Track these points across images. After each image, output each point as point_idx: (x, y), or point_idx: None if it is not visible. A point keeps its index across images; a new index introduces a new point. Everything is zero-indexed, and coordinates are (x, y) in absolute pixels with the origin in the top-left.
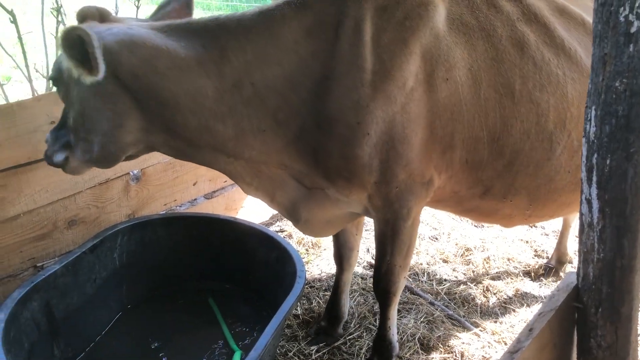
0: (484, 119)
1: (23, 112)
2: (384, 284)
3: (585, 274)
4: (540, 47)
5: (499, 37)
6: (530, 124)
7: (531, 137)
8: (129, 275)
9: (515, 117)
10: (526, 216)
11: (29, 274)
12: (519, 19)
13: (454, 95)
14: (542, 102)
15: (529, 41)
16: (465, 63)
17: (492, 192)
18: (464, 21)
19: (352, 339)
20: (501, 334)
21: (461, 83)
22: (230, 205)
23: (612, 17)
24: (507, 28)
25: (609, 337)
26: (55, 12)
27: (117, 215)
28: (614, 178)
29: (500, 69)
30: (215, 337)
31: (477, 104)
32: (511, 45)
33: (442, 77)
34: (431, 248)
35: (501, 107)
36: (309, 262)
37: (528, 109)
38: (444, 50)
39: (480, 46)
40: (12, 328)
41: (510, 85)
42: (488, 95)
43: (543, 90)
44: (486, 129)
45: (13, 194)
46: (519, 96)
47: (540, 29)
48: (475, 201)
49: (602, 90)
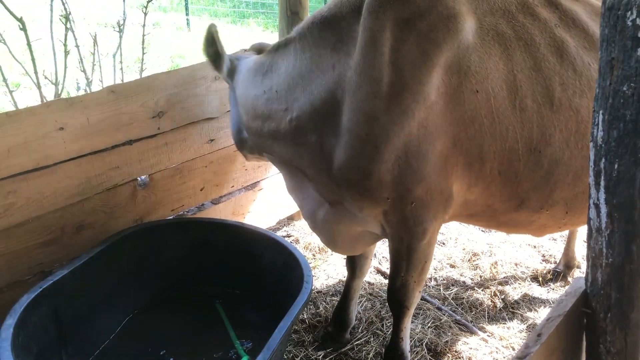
0: (519, 130)
1: (32, 118)
2: (398, 297)
3: (594, 279)
4: (580, 52)
5: (537, 45)
6: (569, 132)
7: (570, 146)
8: (137, 280)
9: (555, 126)
10: (561, 225)
11: (38, 279)
12: (557, 25)
13: (483, 108)
14: (583, 108)
15: (569, 47)
16: (500, 74)
17: (528, 204)
18: (499, 31)
19: (360, 344)
20: (509, 340)
21: (494, 95)
22: (237, 210)
23: (619, 21)
24: (546, 35)
25: (618, 343)
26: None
27: (125, 220)
28: (622, 183)
29: (539, 77)
30: (223, 342)
31: (511, 115)
32: (550, 53)
33: (470, 89)
34: (438, 253)
35: (539, 116)
36: (316, 267)
37: (568, 116)
38: (475, 62)
39: (517, 56)
40: (20, 333)
41: (549, 93)
42: (524, 105)
43: (583, 96)
44: (522, 140)
45: (22, 200)
46: (558, 104)
47: (579, 33)
48: (510, 214)
49: (609, 95)
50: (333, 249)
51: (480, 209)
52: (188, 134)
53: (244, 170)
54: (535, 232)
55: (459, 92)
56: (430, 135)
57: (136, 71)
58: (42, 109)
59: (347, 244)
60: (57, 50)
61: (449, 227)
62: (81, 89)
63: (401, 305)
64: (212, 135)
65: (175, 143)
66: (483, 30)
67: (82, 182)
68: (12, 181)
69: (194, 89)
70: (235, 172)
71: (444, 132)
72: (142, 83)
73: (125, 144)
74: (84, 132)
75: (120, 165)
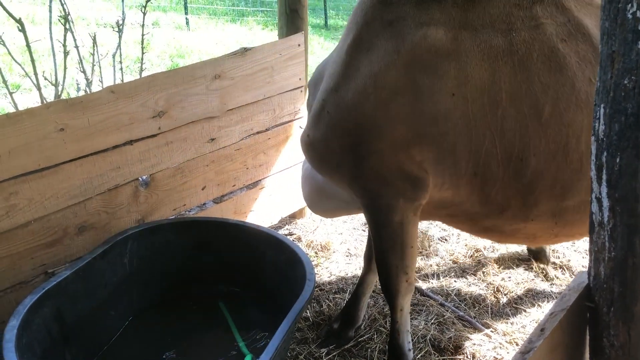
0: (498, 137)
1: (32, 119)
2: (382, 279)
3: (597, 273)
4: (583, 67)
5: (533, 60)
6: (557, 145)
7: (558, 159)
8: (139, 280)
9: (540, 138)
10: (552, 235)
11: (40, 280)
12: (563, 40)
13: (458, 109)
14: (576, 123)
15: (570, 62)
16: (483, 83)
17: (511, 211)
18: (492, 45)
19: (363, 341)
20: (512, 335)
21: (471, 100)
22: (239, 209)
23: (619, 14)
24: (546, 50)
25: (621, 337)
26: (63, 20)
27: (127, 220)
28: (624, 176)
29: (529, 90)
30: (226, 341)
31: (490, 122)
32: (547, 69)
33: (446, 91)
34: (441, 249)
35: (523, 127)
36: (319, 265)
37: (557, 130)
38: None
39: (507, 69)
40: (24, 334)
41: (539, 106)
42: (507, 114)
43: (578, 111)
44: (501, 146)
45: (23, 201)
46: (548, 117)
47: (587, 48)
48: (492, 220)
49: (610, 88)
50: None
51: (460, 210)
52: (189, 134)
53: (246, 169)
54: (527, 241)
55: (432, 91)
56: (391, 118)
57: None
58: (42, 110)
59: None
60: (56, 51)
61: None
62: (81, 89)
63: (388, 287)
64: (213, 134)
65: (176, 142)
66: (473, 41)
67: (83, 182)
68: (13, 183)
69: (194, 88)
70: (236, 171)
71: (407, 120)
72: (142, 83)
73: (126, 144)
74: (85, 132)
75: (121, 166)
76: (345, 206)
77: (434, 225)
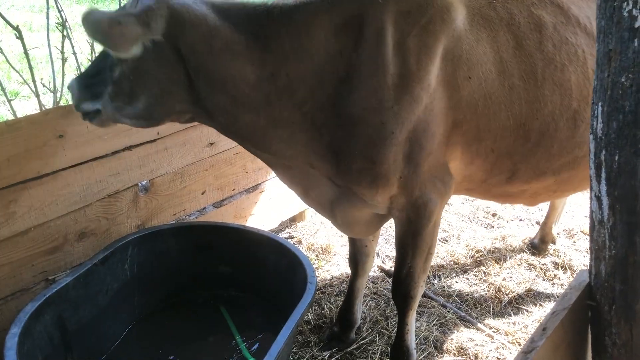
0: (509, 108)
1: (31, 126)
2: (404, 288)
3: (598, 271)
4: (558, 27)
5: (517, 24)
6: (554, 105)
7: (555, 118)
8: (140, 286)
9: (540, 101)
10: (551, 192)
11: (41, 287)
12: (533, 4)
13: (477, 92)
14: (565, 81)
15: (546, 23)
16: (489, 58)
17: (519, 175)
18: (483, 14)
19: (365, 343)
20: (515, 335)
21: (485, 79)
22: (239, 213)
23: (615, 12)
24: (524, 14)
25: (623, 335)
26: (60, 27)
27: (127, 226)
28: (623, 174)
29: (522, 55)
30: (228, 345)
31: (502, 95)
32: (529, 31)
33: (463, 76)
34: (441, 250)
35: (526, 93)
36: (320, 268)
37: (552, 90)
38: (466, 50)
39: (501, 37)
40: (25, 342)
41: (533, 70)
42: (512, 84)
43: (564, 69)
44: (512, 117)
45: (23, 208)
46: (542, 79)
47: (555, 10)
48: (503, 186)
49: (608, 87)
50: (347, 233)
51: (477, 184)
52: (188, 138)
53: (245, 173)
54: (528, 201)
55: (454, 79)
56: (436, 118)
57: None
58: (41, 117)
59: (362, 227)
60: (54, 58)
61: (452, 225)
62: None
63: (407, 295)
64: (212, 138)
65: (175, 147)
66: (470, 16)
67: (83, 189)
68: (13, 190)
69: None
70: (236, 175)
71: (445, 115)
72: None
73: (125, 150)
74: (84, 139)
75: (120, 171)
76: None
77: None
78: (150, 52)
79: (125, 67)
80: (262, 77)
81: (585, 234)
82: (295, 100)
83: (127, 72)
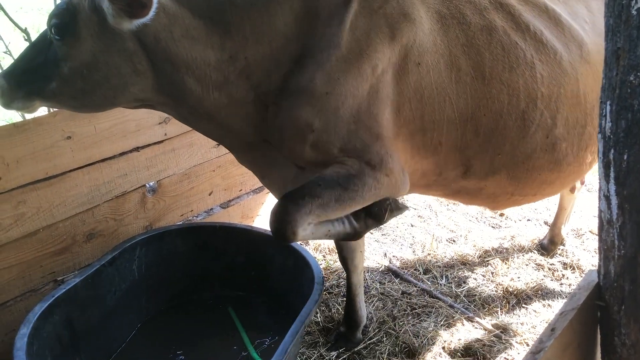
0: (455, 101)
1: (39, 128)
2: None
3: (607, 271)
4: (508, 32)
5: (468, 24)
6: (502, 104)
7: (504, 117)
8: (148, 287)
9: (487, 98)
10: (509, 195)
11: (50, 288)
12: (486, 8)
13: (425, 79)
14: (513, 82)
15: (497, 27)
16: (438, 49)
17: (473, 170)
18: (437, 10)
19: (372, 343)
20: (523, 335)
21: (433, 67)
22: (246, 214)
23: (624, 10)
24: (476, 16)
25: (633, 335)
26: None
27: (135, 227)
28: (632, 173)
29: (471, 53)
30: (236, 345)
31: (448, 87)
32: (479, 31)
33: (414, 61)
34: (449, 250)
35: (472, 88)
36: (327, 268)
37: (499, 89)
38: (419, 36)
39: (452, 32)
40: (35, 342)
41: (481, 68)
42: (459, 78)
43: (513, 71)
44: (458, 110)
45: (32, 210)
46: (489, 77)
47: (506, 16)
48: (460, 182)
49: (616, 85)
50: None
51: (432, 178)
52: (195, 139)
53: (252, 174)
54: (488, 202)
55: (404, 63)
56: (382, 101)
57: None
58: (49, 118)
59: None
60: None
61: (459, 225)
62: None
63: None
64: None
65: (182, 148)
66: (425, 8)
67: (91, 190)
68: (21, 191)
69: None
70: (243, 176)
71: (390, 100)
72: None
73: (132, 151)
74: (91, 140)
75: (128, 172)
76: None
77: (442, 226)
78: (111, 44)
79: (77, 63)
80: (222, 59)
81: (593, 234)
82: (252, 81)
83: (79, 67)
